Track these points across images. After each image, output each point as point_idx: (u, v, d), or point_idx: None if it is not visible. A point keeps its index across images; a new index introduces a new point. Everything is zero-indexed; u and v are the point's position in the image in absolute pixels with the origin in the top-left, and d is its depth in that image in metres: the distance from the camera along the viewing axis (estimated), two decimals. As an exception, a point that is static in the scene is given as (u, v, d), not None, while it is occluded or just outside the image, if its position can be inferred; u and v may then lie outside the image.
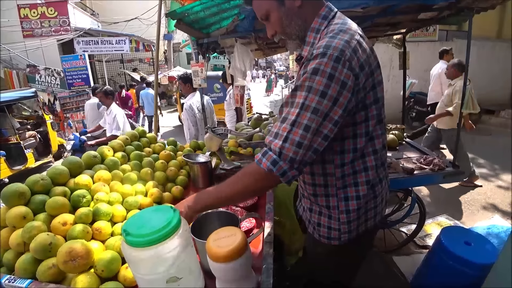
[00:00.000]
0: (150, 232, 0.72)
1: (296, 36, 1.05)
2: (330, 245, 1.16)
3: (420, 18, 2.63)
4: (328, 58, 0.86)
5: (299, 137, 0.86)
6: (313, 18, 1.01)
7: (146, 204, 1.35)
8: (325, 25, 0.99)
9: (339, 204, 1.09)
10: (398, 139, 2.94)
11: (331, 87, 0.85)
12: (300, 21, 1.02)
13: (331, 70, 0.85)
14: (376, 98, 1.01)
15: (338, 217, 1.10)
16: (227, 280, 0.80)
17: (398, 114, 4.59)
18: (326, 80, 0.85)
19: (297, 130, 0.86)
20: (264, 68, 33.53)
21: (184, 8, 2.14)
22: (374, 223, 1.18)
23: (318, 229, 1.18)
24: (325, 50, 0.87)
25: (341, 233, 1.12)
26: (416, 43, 7.91)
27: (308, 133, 0.86)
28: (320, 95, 0.86)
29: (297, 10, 1.00)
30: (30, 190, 1.14)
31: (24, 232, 1.00)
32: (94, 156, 1.49)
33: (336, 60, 0.85)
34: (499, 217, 3.24)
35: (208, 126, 1.70)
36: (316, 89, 0.86)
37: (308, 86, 0.87)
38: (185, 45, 11.18)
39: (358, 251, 1.26)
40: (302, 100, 0.87)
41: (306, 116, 0.86)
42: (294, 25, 1.03)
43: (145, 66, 17.03)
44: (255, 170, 0.93)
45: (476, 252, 1.95)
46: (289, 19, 1.02)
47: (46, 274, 0.92)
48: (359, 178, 1.06)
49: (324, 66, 0.85)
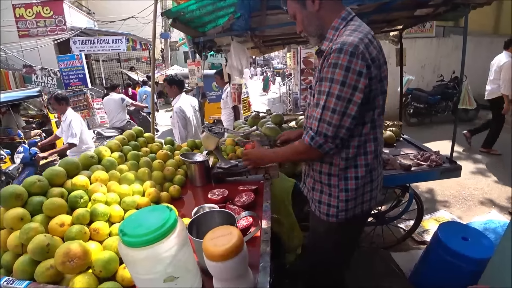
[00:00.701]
0: (146, 232, 0.72)
1: (315, 33, 1.25)
2: (329, 222, 1.32)
3: (416, 14, 2.64)
4: (344, 53, 1.05)
5: (329, 117, 1.10)
6: (334, 19, 1.19)
7: (144, 204, 1.35)
8: (344, 25, 1.17)
9: (339, 183, 1.25)
10: (396, 136, 2.95)
11: (349, 77, 1.05)
12: (318, 22, 1.22)
13: (347, 63, 1.04)
14: (383, 90, 1.20)
15: (338, 195, 1.26)
16: (224, 279, 0.80)
17: (395, 110, 4.60)
18: (344, 72, 1.05)
19: (327, 113, 1.10)
20: (261, 65, 33.41)
21: (179, 7, 2.13)
22: (369, 207, 1.33)
23: (319, 206, 1.34)
24: (342, 46, 1.06)
25: (339, 211, 1.28)
26: (413, 40, 7.92)
27: (335, 114, 1.09)
28: (340, 84, 1.06)
29: (316, 13, 1.20)
30: (27, 191, 1.14)
31: (21, 233, 1.00)
32: (91, 156, 1.48)
33: (351, 54, 1.04)
34: (496, 212, 3.26)
35: (205, 125, 1.70)
36: (337, 79, 1.07)
37: (330, 78, 1.08)
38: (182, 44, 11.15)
39: (353, 231, 1.44)
40: (328, 89, 1.09)
41: (332, 101, 1.09)
42: (313, 25, 1.23)
43: (142, 65, 16.99)
44: (300, 144, 1.23)
45: (473, 247, 1.97)
46: (309, 20, 1.23)
47: (44, 275, 0.92)
48: (359, 161, 1.23)
49: (341, 60, 1.05)
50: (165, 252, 0.75)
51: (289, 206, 1.94)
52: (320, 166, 1.30)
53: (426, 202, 3.45)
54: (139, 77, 13.08)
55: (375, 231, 2.76)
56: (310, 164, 1.36)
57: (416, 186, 3.78)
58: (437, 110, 7.22)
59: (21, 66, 9.13)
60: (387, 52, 6.98)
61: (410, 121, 7.34)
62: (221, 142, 2.18)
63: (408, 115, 7.29)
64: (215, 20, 2.50)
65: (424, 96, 7.04)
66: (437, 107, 7.20)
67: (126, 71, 14.38)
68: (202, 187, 1.69)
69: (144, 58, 16.87)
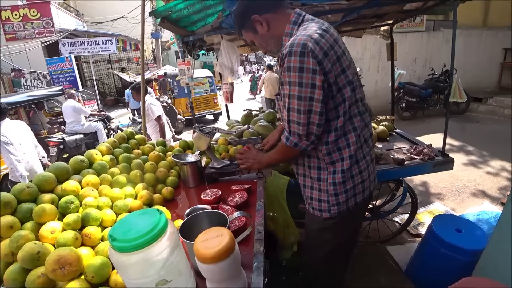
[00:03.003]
0: (136, 237, 0.71)
1: (276, 49, 1.32)
2: (323, 218, 1.34)
3: (406, 9, 2.65)
4: (294, 55, 1.07)
5: (296, 118, 1.15)
6: (285, 26, 1.23)
7: (136, 207, 1.33)
8: (296, 29, 1.21)
9: (328, 177, 1.27)
10: (389, 130, 2.97)
11: (304, 77, 1.08)
12: (273, 39, 1.28)
13: (299, 64, 1.07)
14: (348, 81, 1.18)
15: (326, 189, 1.28)
16: (216, 280, 0.79)
17: (388, 105, 4.63)
18: (299, 73, 1.08)
19: (293, 114, 1.15)
20: (254, 63, 33.29)
21: (167, 6, 2.11)
22: (363, 198, 1.33)
23: (311, 203, 1.37)
24: (290, 49, 1.08)
25: (330, 205, 1.30)
26: (404, 34, 7.97)
27: (301, 114, 1.13)
28: (298, 85, 1.10)
29: (267, 33, 1.26)
30: (16, 198, 1.12)
31: (11, 241, 0.98)
32: (82, 160, 1.46)
33: (301, 54, 1.06)
34: (488, 203, 3.31)
35: (196, 125, 1.69)
36: (294, 81, 1.10)
37: (288, 81, 1.12)
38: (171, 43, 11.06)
39: (348, 225, 1.41)
40: (288, 91, 1.13)
41: (295, 102, 1.13)
42: (271, 44, 1.31)
43: (134, 66, 16.82)
44: (281, 145, 1.30)
45: (467, 238, 1.99)
46: (265, 41, 1.31)
47: (35, 283, 0.91)
48: (343, 154, 1.24)
49: (293, 63, 1.08)
50: (157, 256, 0.74)
51: (283, 204, 1.94)
52: (308, 161, 1.32)
53: (420, 195, 3.48)
54: (131, 78, 12.96)
55: (370, 225, 2.78)
56: (300, 161, 1.37)
57: (410, 180, 3.81)
58: (429, 104, 7.29)
59: (9, 70, 8.99)
60: (378, 47, 6.98)
61: (403, 115, 7.40)
62: (213, 141, 2.17)
63: (401, 109, 7.34)
64: (204, 19, 2.47)
65: (416, 90, 7.09)
66: (429, 101, 7.27)
67: (117, 72, 14.23)
68: (195, 188, 1.67)
69: (135, 58, 16.69)
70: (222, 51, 2.60)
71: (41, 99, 6.31)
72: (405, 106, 7.30)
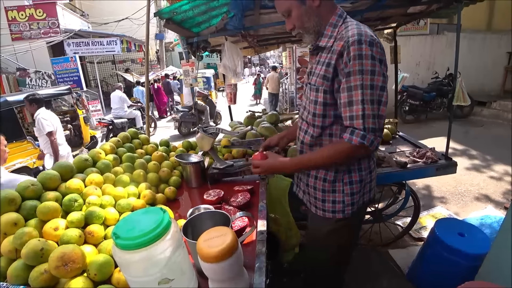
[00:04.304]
0: (140, 235, 0.72)
1: (313, 30, 1.22)
2: (335, 219, 1.29)
3: (410, 12, 2.64)
4: (365, 43, 1.05)
5: (371, 110, 1.06)
6: (331, 16, 1.19)
7: (139, 206, 1.34)
8: (341, 22, 1.18)
9: (344, 177, 1.23)
10: (391, 133, 2.96)
11: (376, 65, 1.06)
12: (317, 18, 1.19)
13: (371, 52, 1.05)
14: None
15: (342, 189, 1.25)
16: (219, 280, 0.80)
17: (390, 108, 4.61)
18: (371, 61, 1.05)
19: (368, 106, 1.06)
20: (257, 65, 33.35)
21: (172, 7, 2.12)
22: (369, 198, 1.33)
23: (323, 205, 1.31)
24: (359, 37, 1.05)
25: (345, 206, 1.26)
26: (408, 37, 7.95)
27: (374, 105, 1.06)
28: (371, 73, 1.05)
29: (316, 9, 1.18)
30: (21, 196, 1.13)
31: (15, 238, 0.99)
32: (86, 159, 1.47)
33: (371, 44, 1.05)
34: (492, 208, 3.28)
35: (200, 125, 1.69)
36: (367, 70, 1.05)
37: (359, 70, 1.05)
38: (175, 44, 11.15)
39: (356, 225, 1.43)
40: (359, 82, 1.06)
41: (368, 93, 1.05)
42: (312, 21, 1.20)
43: (138, 67, 16.90)
44: (346, 147, 1.11)
45: (469, 242, 1.98)
46: (308, 16, 1.19)
47: (38, 280, 0.91)
48: None
49: (365, 50, 1.05)
50: (159, 254, 0.74)
51: (286, 205, 1.93)
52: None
53: (422, 199, 3.47)
54: (134, 78, 13.03)
55: (372, 228, 2.77)
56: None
57: (413, 183, 3.79)
58: (432, 107, 7.26)
59: (14, 69, 9.07)
60: (381, 50, 6.89)
61: (406, 118, 7.37)
62: (217, 142, 2.18)
63: (404, 112, 7.31)
64: (209, 20, 2.48)
65: (420, 93, 7.07)
66: (433, 104, 7.24)
67: (121, 73, 14.30)
68: (197, 188, 1.68)
69: (139, 59, 16.78)
70: (225, 53, 2.62)
71: (50, 97, 6.48)
72: (408, 110, 7.27)
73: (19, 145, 5.50)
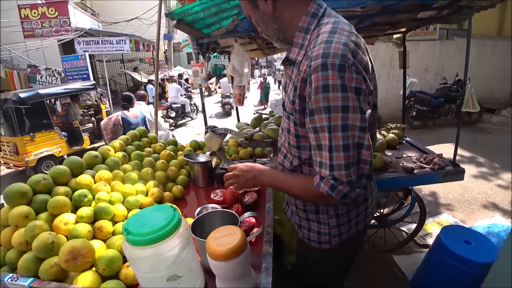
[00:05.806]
0: (150, 231, 0.73)
1: (276, 37, 1.00)
2: (321, 249, 1.11)
3: (420, 17, 2.63)
4: (331, 69, 0.78)
5: (343, 159, 0.81)
6: (299, 17, 0.93)
7: (147, 204, 1.36)
8: (315, 24, 0.91)
9: (328, 209, 1.04)
10: (398, 138, 2.95)
11: (349, 98, 0.79)
12: (276, 25, 0.96)
13: (340, 80, 0.78)
14: (374, 104, 0.96)
15: (328, 221, 1.06)
16: (227, 278, 0.80)
17: (398, 113, 4.59)
18: (341, 94, 0.78)
19: (337, 154, 0.81)
20: (264, 67, 33.38)
21: (183, 8, 2.14)
22: (364, 225, 1.14)
23: (308, 234, 1.13)
24: (324, 60, 0.78)
25: (332, 237, 1.07)
26: (417, 42, 7.90)
27: (350, 151, 0.81)
28: (342, 111, 0.79)
29: (271, 14, 0.94)
30: (32, 189, 1.15)
31: (26, 231, 1.01)
32: (95, 156, 1.50)
33: (341, 69, 0.78)
34: (499, 216, 3.24)
35: (208, 125, 1.71)
36: (335, 106, 0.79)
37: (325, 107, 0.80)
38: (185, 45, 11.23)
39: (349, 253, 1.22)
40: (326, 123, 0.81)
41: (338, 136, 0.80)
42: (271, 29, 0.98)
43: (146, 66, 17.07)
44: (314, 191, 0.90)
45: (476, 251, 1.95)
46: (264, 23, 0.98)
47: (48, 272, 0.93)
48: None
49: (331, 79, 0.78)
50: (169, 251, 0.75)
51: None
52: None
53: (428, 205, 3.44)
54: (142, 78, 13.16)
55: (377, 233, 2.76)
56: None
57: (419, 189, 3.76)
58: (440, 113, 7.20)
59: (26, 66, 9.22)
60: (390, 54, 6.94)
61: (413, 123, 7.32)
62: (224, 143, 2.19)
63: (411, 118, 7.26)
64: (219, 22, 2.50)
65: (427, 98, 7.01)
66: (440, 110, 7.18)
67: (129, 72, 14.44)
68: (204, 188, 1.69)
69: (147, 59, 16.93)
70: (234, 55, 2.63)
71: (77, 92, 6.91)
72: (415, 115, 7.22)
73: (47, 135, 5.90)
